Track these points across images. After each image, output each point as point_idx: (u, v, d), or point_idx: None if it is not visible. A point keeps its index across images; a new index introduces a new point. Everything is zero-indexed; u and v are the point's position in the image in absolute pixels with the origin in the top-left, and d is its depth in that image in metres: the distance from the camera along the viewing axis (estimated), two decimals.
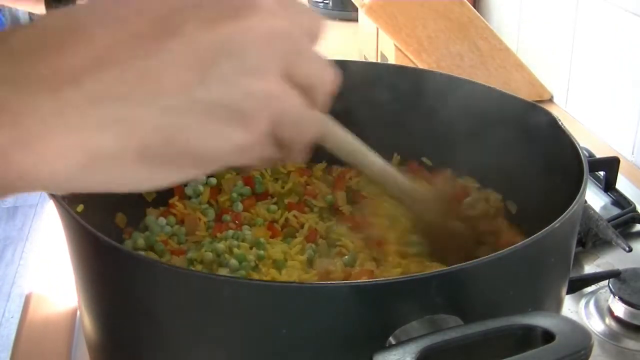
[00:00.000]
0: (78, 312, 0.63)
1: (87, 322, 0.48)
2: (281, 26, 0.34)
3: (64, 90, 0.29)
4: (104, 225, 0.55)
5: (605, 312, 0.62)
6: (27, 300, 0.67)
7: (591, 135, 0.98)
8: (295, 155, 0.38)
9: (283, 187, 0.66)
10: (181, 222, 0.61)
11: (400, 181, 0.55)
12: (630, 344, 0.59)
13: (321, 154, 0.44)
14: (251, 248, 0.58)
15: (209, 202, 0.64)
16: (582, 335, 0.34)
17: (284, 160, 0.38)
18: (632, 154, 0.91)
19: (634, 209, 0.77)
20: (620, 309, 0.61)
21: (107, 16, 0.31)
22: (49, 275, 0.71)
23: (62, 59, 0.29)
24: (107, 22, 0.31)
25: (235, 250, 0.57)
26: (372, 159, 0.53)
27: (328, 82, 0.37)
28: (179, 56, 0.31)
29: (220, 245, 0.57)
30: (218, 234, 0.60)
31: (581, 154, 0.49)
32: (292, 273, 0.55)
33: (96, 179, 0.31)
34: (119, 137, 0.30)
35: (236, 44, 0.32)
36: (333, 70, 0.37)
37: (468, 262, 0.38)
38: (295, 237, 0.60)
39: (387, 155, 0.67)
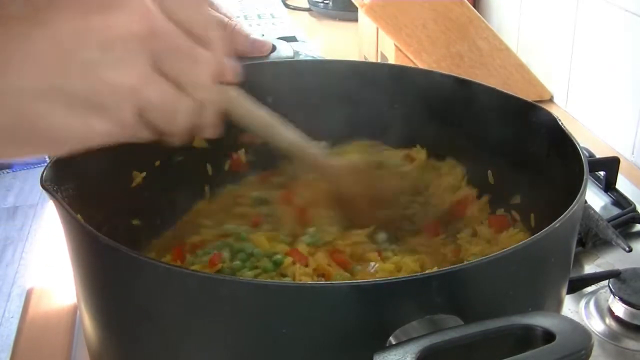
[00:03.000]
0: (79, 310, 0.63)
1: (87, 322, 0.48)
2: (151, 25, 0.35)
3: None
4: (104, 224, 0.55)
5: (605, 312, 0.62)
6: (28, 295, 0.67)
7: (591, 135, 0.98)
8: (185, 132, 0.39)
9: None
10: None
11: (313, 154, 0.57)
12: (630, 344, 0.59)
13: None
14: None
15: None
16: (582, 335, 0.34)
17: (177, 134, 0.39)
18: (632, 154, 0.91)
19: (634, 209, 0.77)
20: (620, 309, 0.61)
21: None
22: (50, 271, 0.70)
23: None
24: None
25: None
26: (283, 133, 0.54)
27: (200, 78, 0.38)
28: (41, 43, 0.32)
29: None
30: None
31: (581, 154, 0.49)
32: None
33: None
34: None
35: (101, 37, 0.33)
36: (210, 70, 0.39)
37: (468, 262, 0.39)
38: None
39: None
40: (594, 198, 0.80)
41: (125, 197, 0.60)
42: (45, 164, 0.46)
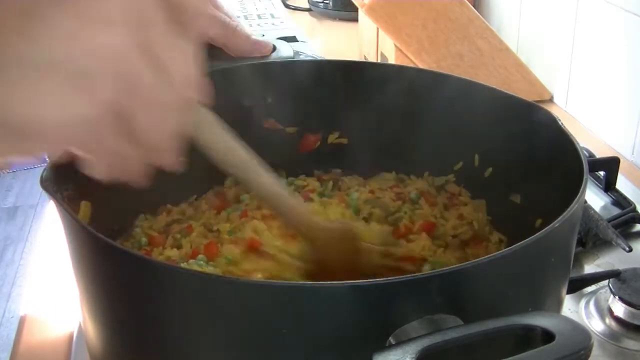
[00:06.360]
0: (74, 335, 0.62)
1: (87, 323, 0.48)
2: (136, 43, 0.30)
3: None
4: (104, 225, 0.55)
5: (605, 312, 0.62)
6: (22, 322, 0.66)
7: (591, 135, 0.98)
8: (157, 156, 0.32)
9: None
10: None
11: (291, 206, 0.49)
12: (630, 344, 0.59)
13: None
14: None
15: None
16: (582, 335, 0.34)
17: (143, 160, 0.32)
18: (632, 154, 0.91)
19: (634, 209, 0.77)
20: (620, 309, 0.61)
21: None
22: (45, 297, 0.69)
23: None
24: None
25: None
26: (260, 174, 0.45)
27: (184, 62, 0.33)
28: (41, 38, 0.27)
29: None
30: None
31: (581, 154, 0.49)
32: None
33: None
34: None
35: (86, 46, 0.28)
36: (191, 52, 0.33)
37: (468, 262, 0.38)
38: None
39: (386, 158, 0.68)
40: (594, 198, 0.80)
41: (125, 197, 0.59)
42: (45, 164, 0.46)
